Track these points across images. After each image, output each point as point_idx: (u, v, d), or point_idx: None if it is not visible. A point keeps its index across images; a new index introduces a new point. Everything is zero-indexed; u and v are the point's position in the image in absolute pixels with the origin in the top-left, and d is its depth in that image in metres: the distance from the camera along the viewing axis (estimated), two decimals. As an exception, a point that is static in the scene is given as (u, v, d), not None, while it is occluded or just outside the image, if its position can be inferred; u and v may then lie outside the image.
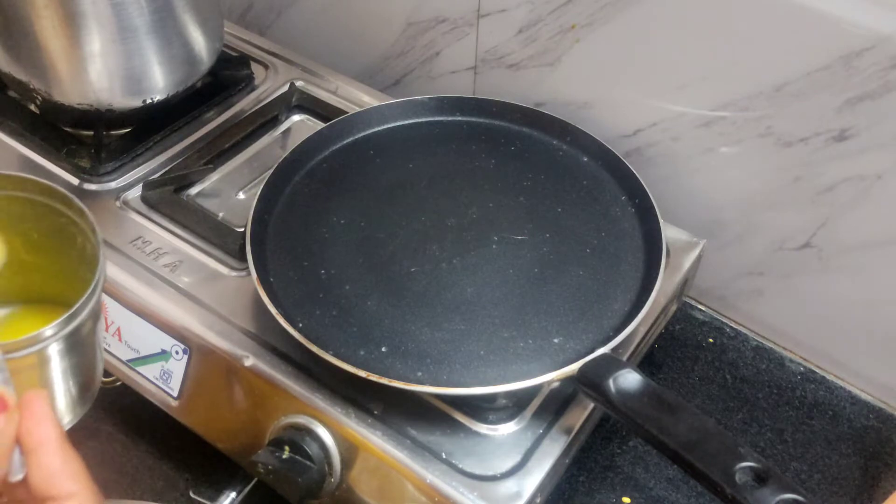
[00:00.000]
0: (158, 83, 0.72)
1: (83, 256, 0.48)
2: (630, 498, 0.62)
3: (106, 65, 0.69)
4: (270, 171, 0.67)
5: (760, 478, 0.46)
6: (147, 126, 0.75)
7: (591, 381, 0.53)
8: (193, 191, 0.71)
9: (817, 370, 0.72)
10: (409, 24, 0.82)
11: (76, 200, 0.47)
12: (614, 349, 0.55)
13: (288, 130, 0.78)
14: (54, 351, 0.43)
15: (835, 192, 0.64)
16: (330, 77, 0.82)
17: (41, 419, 0.36)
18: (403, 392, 0.53)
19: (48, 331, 0.42)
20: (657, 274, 0.59)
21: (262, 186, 0.65)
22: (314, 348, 0.54)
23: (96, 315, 0.46)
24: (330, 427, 0.55)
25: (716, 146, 0.68)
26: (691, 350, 0.73)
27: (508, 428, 0.55)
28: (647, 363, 0.70)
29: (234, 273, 0.63)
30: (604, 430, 0.65)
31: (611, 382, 0.51)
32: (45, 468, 0.34)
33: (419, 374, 0.54)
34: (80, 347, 0.46)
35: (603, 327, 0.58)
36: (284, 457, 0.54)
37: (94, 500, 0.35)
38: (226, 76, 0.81)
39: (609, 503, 0.62)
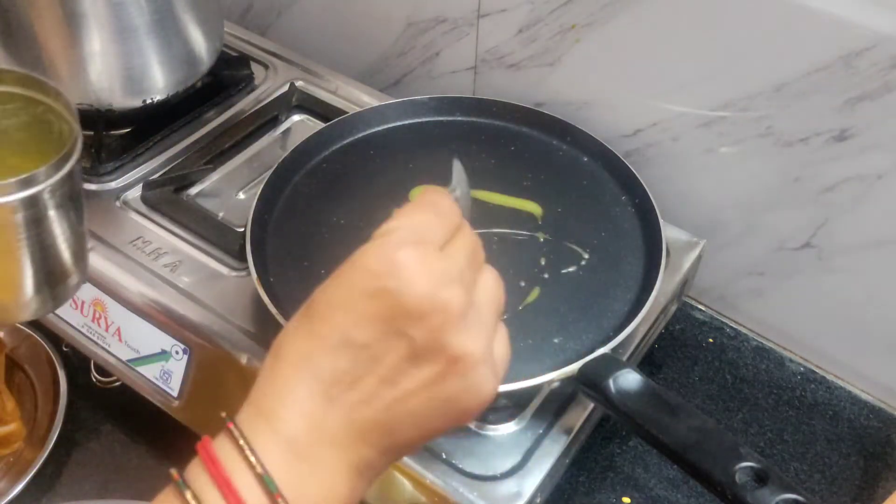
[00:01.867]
0: (158, 83, 0.72)
1: (62, 142, 0.48)
2: (630, 498, 0.62)
3: (106, 65, 0.69)
4: (270, 171, 0.67)
5: (760, 478, 0.46)
6: (147, 126, 0.75)
7: (591, 381, 0.53)
8: (193, 191, 0.71)
9: (817, 370, 0.71)
10: (409, 24, 0.82)
11: (50, 83, 0.47)
12: (614, 349, 0.55)
13: (288, 130, 0.78)
14: (17, 214, 0.45)
15: (835, 192, 0.64)
16: (330, 77, 0.82)
17: None
18: (403, 392, 0.53)
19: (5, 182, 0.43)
20: (657, 274, 0.59)
21: (262, 186, 0.65)
22: (314, 348, 0.54)
23: (65, 195, 0.47)
24: (330, 427, 0.55)
25: (716, 146, 0.68)
26: (691, 350, 0.73)
27: (508, 428, 0.55)
28: (647, 363, 0.70)
29: (234, 273, 0.63)
30: (604, 430, 0.65)
31: (611, 382, 0.51)
32: None
33: (419, 374, 0.54)
34: (44, 224, 0.47)
35: (603, 327, 0.58)
36: (284, 457, 0.54)
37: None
38: (226, 76, 0.81)
39: (609, 503, 0.62)
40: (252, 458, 0.35)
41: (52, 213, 0.47)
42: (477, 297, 0.38)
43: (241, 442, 0.36)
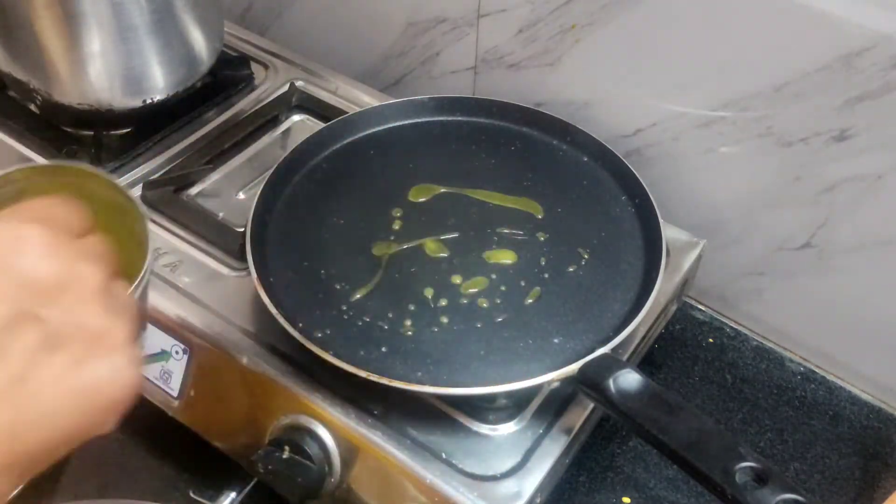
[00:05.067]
0: (158, 83, 0.72)
1: (132, 237, 0.48)
2: (630, 498, 0.62)
3: (106, 65, 0.69)
4: (270, 171, 0.67)
5: (760, 478, 0.46)
6: (147, 126, 0.75)
7: (591, 381, 0.53)
8: (193, 191, 0.71)
9: (817, 370, 0.71)
10: (409, 24, 0.82)
11: (125, 190, 0.47)
12: (614, 349, 0.55)
13: (288, 130, 0.78)
14: None
15: (835, 192, 0.64)
16: (330, 77, 0.82)
17: None
18: (403, 392, 0.53)
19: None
20: (657, 274, 0.59)
21: (262, 186, 0.65)
22: (314, 348, 0.54)
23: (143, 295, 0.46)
24: (330, 427, 0.55)
25: (716, 146, 0.68)
26: (691, 350, 0.73)
27: (508, 428, 0.55)
28: (647, 363, 0.70)
29: (234, 273, 0.63)
30: (604, 430, 0.65)
31: (611, 382, 0.51)
32: None
33: (419, 374, 0.54)
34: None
35: (603, 327, 0.58)
36: (284, 457, 0.54)
37: None
38: (226, 76, 0.81)
39: (609, 503, 0.62)
40: None
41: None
42: (114, 286, 0.34)
43: None
